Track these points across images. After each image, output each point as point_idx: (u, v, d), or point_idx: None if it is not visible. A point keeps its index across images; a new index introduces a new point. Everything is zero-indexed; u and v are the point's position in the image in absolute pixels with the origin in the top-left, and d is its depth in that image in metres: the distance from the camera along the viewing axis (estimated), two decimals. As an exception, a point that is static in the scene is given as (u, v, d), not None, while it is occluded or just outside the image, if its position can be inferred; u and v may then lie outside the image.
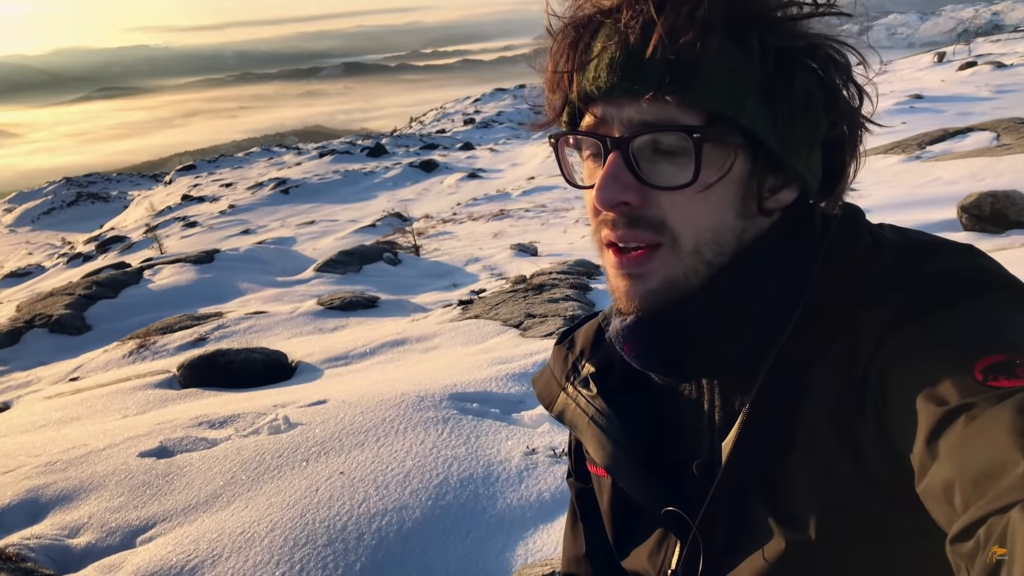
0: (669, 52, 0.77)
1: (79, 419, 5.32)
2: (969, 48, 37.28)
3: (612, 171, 0.82)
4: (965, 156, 13.23)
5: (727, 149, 0.81)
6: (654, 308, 0.86)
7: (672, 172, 0.81)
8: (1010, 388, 0.64)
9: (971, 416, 0.64)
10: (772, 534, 0.83)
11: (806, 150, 0.84)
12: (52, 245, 38.96)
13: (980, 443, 0.62)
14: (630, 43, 0.79)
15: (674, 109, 0.79)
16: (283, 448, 3.56)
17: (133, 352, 8.17)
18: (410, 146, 44.88)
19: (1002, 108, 20.56)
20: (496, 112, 60.96)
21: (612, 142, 0.82)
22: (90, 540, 3.10)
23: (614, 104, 0.82)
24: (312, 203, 30.11)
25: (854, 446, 0.77)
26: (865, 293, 0.81)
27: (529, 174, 28.87)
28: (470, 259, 12.93)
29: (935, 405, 0.67)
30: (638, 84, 0.79)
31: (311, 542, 2.75)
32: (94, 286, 10.91)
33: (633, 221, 0.83)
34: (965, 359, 0.68)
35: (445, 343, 5.96)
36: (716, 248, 0.84)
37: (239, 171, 45.89)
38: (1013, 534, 0.54)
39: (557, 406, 1.05)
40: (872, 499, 0.77)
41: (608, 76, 0.81)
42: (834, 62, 0.83)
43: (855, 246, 0.86)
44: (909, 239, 0.86)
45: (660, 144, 0.81)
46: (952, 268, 0.79)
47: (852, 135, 0.86)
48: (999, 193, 9.71)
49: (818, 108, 0.82)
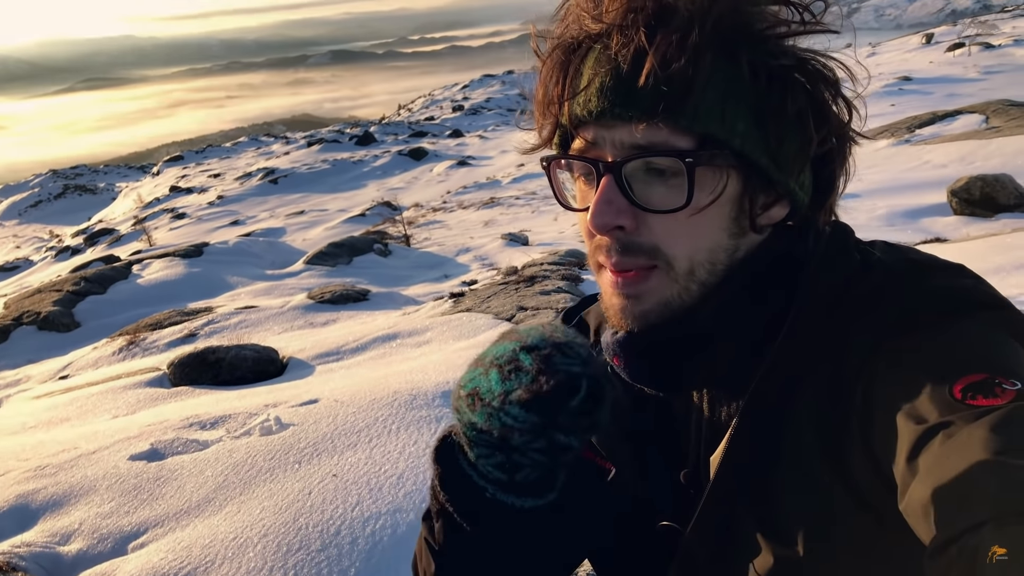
0: (661, 80, 0.76)
1: (69, 420, 5.28)
2: (959, 31, 37.28)
3: (605, 196, 0.81)
4: (954, 139, 13.25)
5: (719, 171, 0.81)
6: (647, 327, 0.86)
7: (665, 195, 0.81)
8: (987, 407, 0.65)
9: (948, 434, 0.65)
10: (760, 548, 0.84)
11: (798, 167, 0.84)
12: (40, 238, 38.76)
13: (956, 461, 0.62)
14: (621, 70, 0.78)
15: (666, 133, 0.79)
16: (275, 450, 3.53)
17: (123, 349, 8.13)
18: (399, 134, 44.76)
19: (990, 90, 20.62)
20: (485, 99, 60.85)
21: (604, 166, 0.82)
22: (81, 547, 3.07)
23: (605, 127, 0.81)
24: (301, 193, 30.01)
25: (840, 462, 0.78)
26: (853, 311, 0.81)
27: (519, 161, 28.80)
28: (461, 249, 12.90)
29: (915, 423, 0.68)
30: (630, 111, 0.78)
31: (304, 547, 2.73)
32: (82, 282, 10.84)
33: (627, 248, 0.83)
34: (945, 378, 0.69)
35: (437, 337, 5.94)
36: (710, 268, 0.84)
37: (227, 161, 45.69)
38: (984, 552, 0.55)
39: None
40: (860, 515, 0.78)
41: (599, 102, 0.80)
42: (823, 77, 0.82)
43: (844, 264, 0.86)
44: (899, 258, 0.86)
45: (652, 168, 0.81)
46: (940, 289, 0.79)
47: (841, 149, 0.87)
48: (988, 177, 9.75)
49: (808, 125, 0.82)
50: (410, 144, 37.96)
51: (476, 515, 0.83)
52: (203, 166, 45.29)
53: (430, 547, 0.88)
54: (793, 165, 0.83)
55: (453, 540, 0.85)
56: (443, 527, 0.86)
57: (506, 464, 0.80)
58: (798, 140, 0.82)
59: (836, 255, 0.87)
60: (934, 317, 0.76)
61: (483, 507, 0.83)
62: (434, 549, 0.87)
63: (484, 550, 0.85)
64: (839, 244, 0.88)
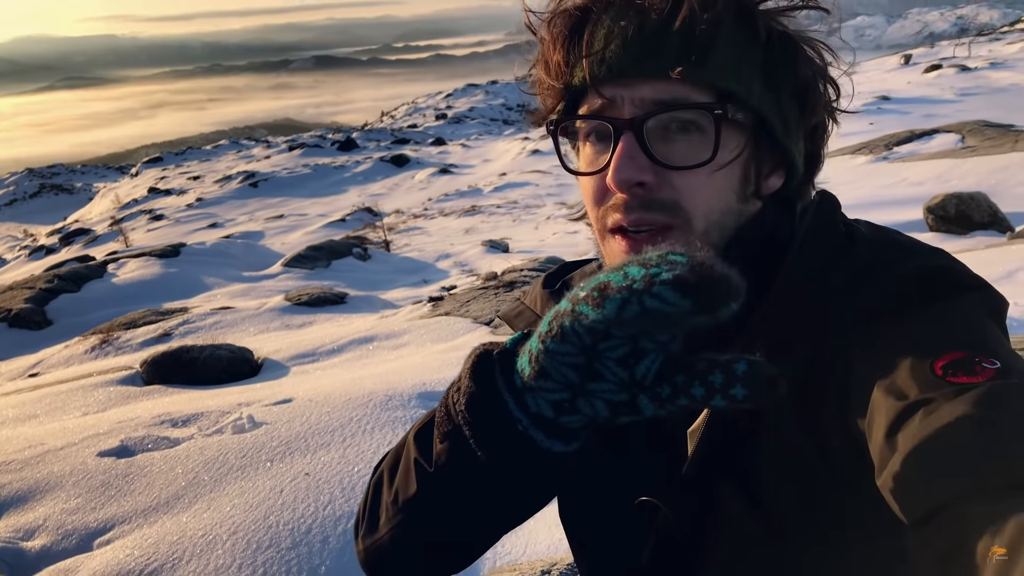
0: (681, 32, 0.78)
1: (37, 417, 5.18)
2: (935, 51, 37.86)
3: (627, 151, 0.81)
4: (931, 157, 13.43)
5: (740, 129, 0.83)
6: None
7: (688, 151, 0.81)
8: (968, 384, 0.65)
9: (929, 410, 0.65)
10: (740, 520, 0.83)
11: (799, 135, 0.87)
12: (14, 237, 38.22)
13: (936, 436, 0.62)
14: (649, 20, 0.80)
15: (686, 88, 0.80)
16: (247, 448, 3.49)
17: (95, 348, 8.01)
18: (381, 140, 44.66)
19: (966, 111, 20.93)
20: (468, 108, 60.92)
21: (624, 123, 0.81)
22: (45, 543, 3.00)
23: (624, 85, 0.82)
24: (281, 197, 29.83)
25: (819, 438, 0.77)
26: (837, 286, 0.81)
27: (501, 170, 28.83)
28: (441, 255, 12.87)
29: (895, 398, 0.68)
30: (652, 63, 0.79)
31: (275, 545, 2.69)
32: (56, 279, 10.69)
33: (647, 204, 0.82)
34: (927, 356, 0.69)
35: (415, 340, 5.90)
36: (720, 231, 0.85)
37: (207, 164, 45.33)
38: (966, 523, 0.55)
39: None
40: (838, 492, 0.78)
41: (622, 56, 0.80)
42: (821, 56, 0.87)
43: (830, 237, 0.87)
44: (884, 237, 0.87)
45: (675, 124, 0.81)
46: (923, 269, 0.80)
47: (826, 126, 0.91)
48: (964, 195, 9.87)
49: (810, 95, 0.86)
50: (392, 151, 37.89)
51: (494, 447, 0.74)
52: (182, 168, 44.90)
53: (420, 468, 0.81)
54: (798, 131, 0.86)
55: (456, 467, 0.77)
56: (449, 450, 0.77)
57: (565, 404, 0.68)
58: (799, 108, 0.85)
59: (822, 227, 0.88)
60: (917, 296, 0.77)
61: (506, 440, 0.72)
62: (425, 471, 0.80)
63: (486, 484, 0.77)
64: (826, 216, 0.89)
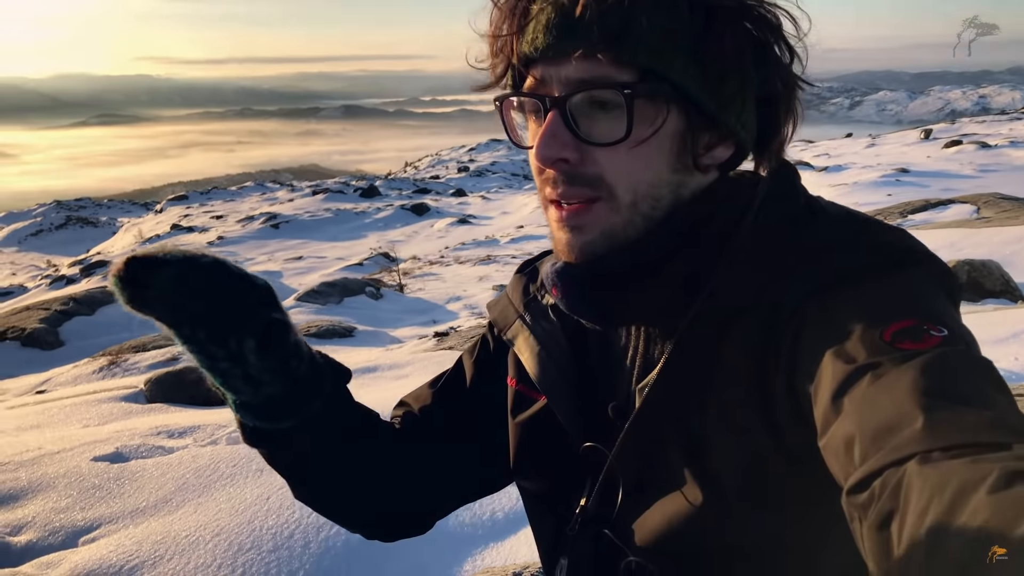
0: (599, 12, 0.80)
1: (39, 427, 5.23)
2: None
3: (551, 129, 0.84)
4: (945, 226, 13.44)
5: (659, 104, 0.84)
6: (591, 258, 0.88)
7: (607, 128, 0.84)
8: (916, 351, 0.66)
9: (876, 375, 0.66)
10: (683, 482, 0.84)
11: (738, 106, 0.86)
12: (37, 267, 38.64)
13: (882, 400, 0.63)
14: (563, 5, 0.83)
15: (608, 67, 0.82)
16: (239, 457, 3.51)
17: (103, 368, 8.09)
18: (403, 189, 45.12)
19: (985, 187, 20.94)
20: (490, 162, 61.50)
21: (551, 101, 0.85)
22: (31, 538, 3.03)
23: (552, 64, 0.85)
24: (301, 239, 30.10)
25: (766, 402, 0.79)
26: (793, 256, 0.82)
27: (519, 223, 29.04)
28: (451, 298, 12.95)
29: (843, 363, 0.69)
30: (571, 44, 0.82)
31: (256, 547, 2.70)
32: (71, 302, 10.84)
33: (572, 179, 0.86)
34: (876, 323, 0.70)
35: (417, 372, 5.93)
36: (653, 203, 0.86)
37: (231, 204, 45.92)
38: (908, 485, 0.55)
39: (511, 331, 1.06)
40: (780, 457, 0.79)
41: (544, 37, 0.84)
42: (766, 22, 0.86)
43: (788, 205, 0.88)
44: (844, 211, 0.89)
45: (596, 101, 0.84)
46: (879, 242, 0.81)
47: (786, 93, 0.89)
48: (976, 262, 9.83)
49: (747, 66, 0.85)
50: (413, 199, 38.23)
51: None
52: (207, 207, 45.47)
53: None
54: (734, 104, 0.85)
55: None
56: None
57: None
58: (738, 79, 0.85)
59: (779, 195, 0.89)
60: (872, 268, 0.78)
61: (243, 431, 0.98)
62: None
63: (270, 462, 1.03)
64: (783, 185, 0.90)
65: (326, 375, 0.95)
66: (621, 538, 0.90)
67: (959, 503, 0.51)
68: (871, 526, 0.58)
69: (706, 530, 0.84)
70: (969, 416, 0.59)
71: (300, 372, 0.89)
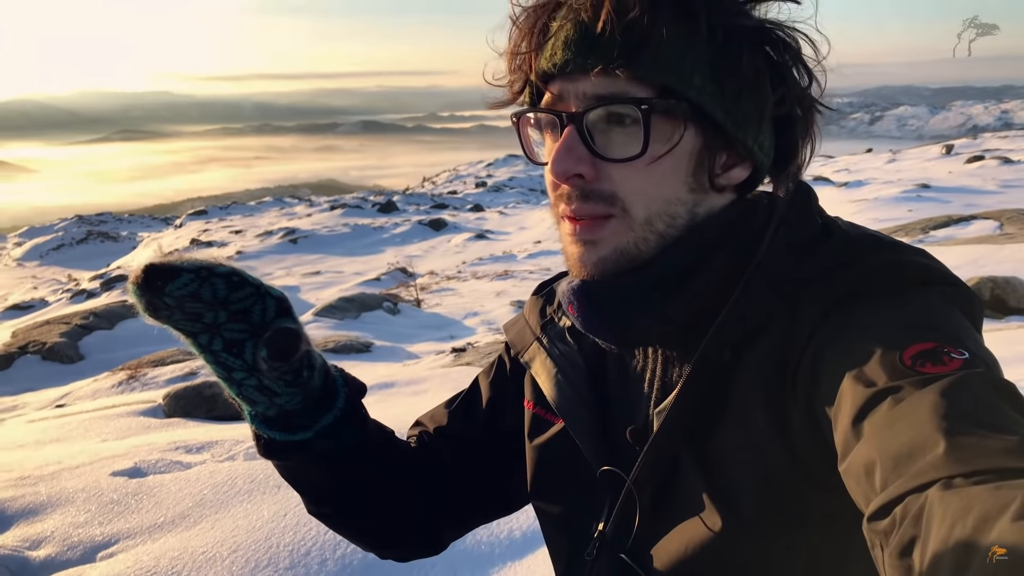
0: (618, 29, 0.80)
1: (59, 441, 5.27)
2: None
3: (567, 144, 0.84)
4: (968, 242, 13.30)
5: (676, 122, 0.83)
6: (604, 274, 0.87)
7: (624, 144, 0.83)
8: (936, 374, 0.65)
9: (897, 399, 0.65)
10: (701, 506, 0.83)
11: (755, 127, 0.86)
12: (58, 281, 39.05)
13: (903, 424, 0.62)
14: (583, 22, 0.82)
15: (626, 83, 0.82)
16: (256, 474, 3.51)
17: (123, 383, 8.15)
18: (421, 204, 45.30)
19: (1007, 202, 20.75)
20: (508, 177, 61.62)
21: (568, 116, 0.85)
22: (50, 553, 3.03)
23: (570, 80, 0.85)
24: (319, 254, 30.28)
25: (784, 425, 0.78)
26: (809, 276, 0.82)
27: (536, 238, 29.06)
28: (469, 313, 12.95)
29: (863, 387, 0.68)
30: (590, 60, 0.82)
31: (273, 564, 2.69)
32: (91, 316, 10.93)
33: (586, 194, 0.85)
34: (896, 345, 0.70)
35: (435, 388, 5.92)
36: (668, 220, 0.86)
37: (250, 219, 46.27)
38: (930, 512, 0.54)
39: (528, 353, 1.06)
40: (799, 480, 0.78)
41: (563, 54, 0.84)
42: (784, 44, 0.85)
43: (804, 226, 0.87)
44: (860, 230, 0.88)
45: (613, 117, 0.83)
46: (897, 262, 0.80)
47: (804, 115, 0.88)
48: (999, 279, 9.72)
49: (765, 86, 0.84)
50: (431, 215, 38.38)
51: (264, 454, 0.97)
52: (226, 222, 45.83)
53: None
54: (750, 124, 0.85)
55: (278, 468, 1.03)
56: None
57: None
58: (755, 100, 0.84)
59: (796, 217, 0.88)
60: (889, 288, 0.77)
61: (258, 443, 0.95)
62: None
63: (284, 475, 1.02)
64: (800, 206, 0.89)
65: (340, 388, 0.94)
66: (639, 563, 0.89)
67: (982, 530, 0.50)
68: (893, 553, 0.56)
69: (725, 554, 0.83)
70: (991, 441, 0.57)
71: (313, 383, 0.88)
